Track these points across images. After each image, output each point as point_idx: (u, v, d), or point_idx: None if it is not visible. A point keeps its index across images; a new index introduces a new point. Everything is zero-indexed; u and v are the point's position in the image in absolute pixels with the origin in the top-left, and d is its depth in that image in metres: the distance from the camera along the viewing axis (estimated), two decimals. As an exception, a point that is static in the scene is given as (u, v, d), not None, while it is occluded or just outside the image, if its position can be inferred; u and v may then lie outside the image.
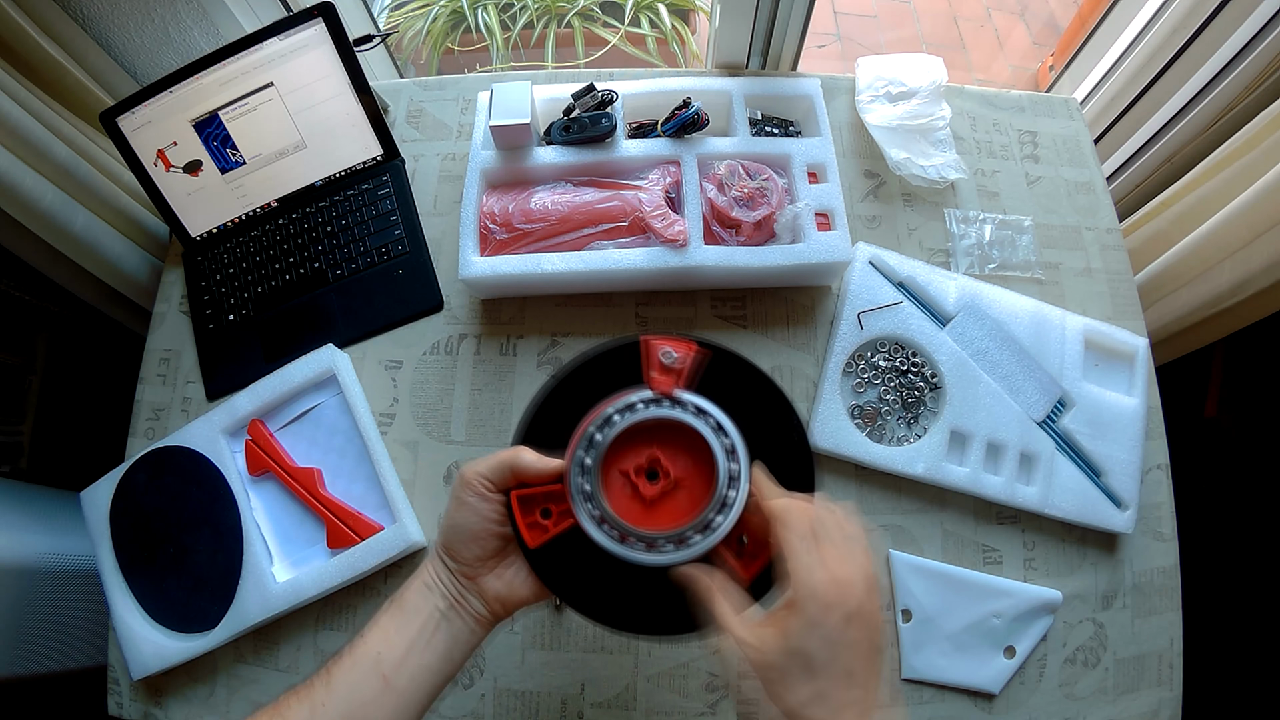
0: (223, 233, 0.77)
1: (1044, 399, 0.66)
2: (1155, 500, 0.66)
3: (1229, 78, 0.77)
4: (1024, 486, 0.64)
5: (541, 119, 0.73)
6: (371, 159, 0.77)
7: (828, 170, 0.69)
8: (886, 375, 0.67)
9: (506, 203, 0.67)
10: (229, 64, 0.70)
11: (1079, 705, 0.61)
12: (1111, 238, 0.75)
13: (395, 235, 0.74)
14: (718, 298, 0.71)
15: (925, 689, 0.61)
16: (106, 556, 0.66)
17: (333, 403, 0.68)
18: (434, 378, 0.69)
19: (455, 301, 0.72)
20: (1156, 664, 0.63)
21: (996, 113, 0.81)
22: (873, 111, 0.76)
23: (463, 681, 0.61)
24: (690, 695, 0.60)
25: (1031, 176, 0.77)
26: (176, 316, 0.76)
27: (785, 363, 0.69)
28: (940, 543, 0.64)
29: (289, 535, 0.65)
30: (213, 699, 0.63)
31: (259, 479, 0.66)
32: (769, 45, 0.78)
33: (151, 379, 0.74)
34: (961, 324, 0.68)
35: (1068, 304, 0.72)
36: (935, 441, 0.64)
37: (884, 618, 0.61)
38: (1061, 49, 1.57)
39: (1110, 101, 0.93)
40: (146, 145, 0.72)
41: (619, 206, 0.66)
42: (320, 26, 0.70)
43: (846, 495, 0.64)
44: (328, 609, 0.64)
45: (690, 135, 0.70)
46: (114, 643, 0.65)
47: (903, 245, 0.73)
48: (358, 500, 0.65)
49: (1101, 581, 0.64)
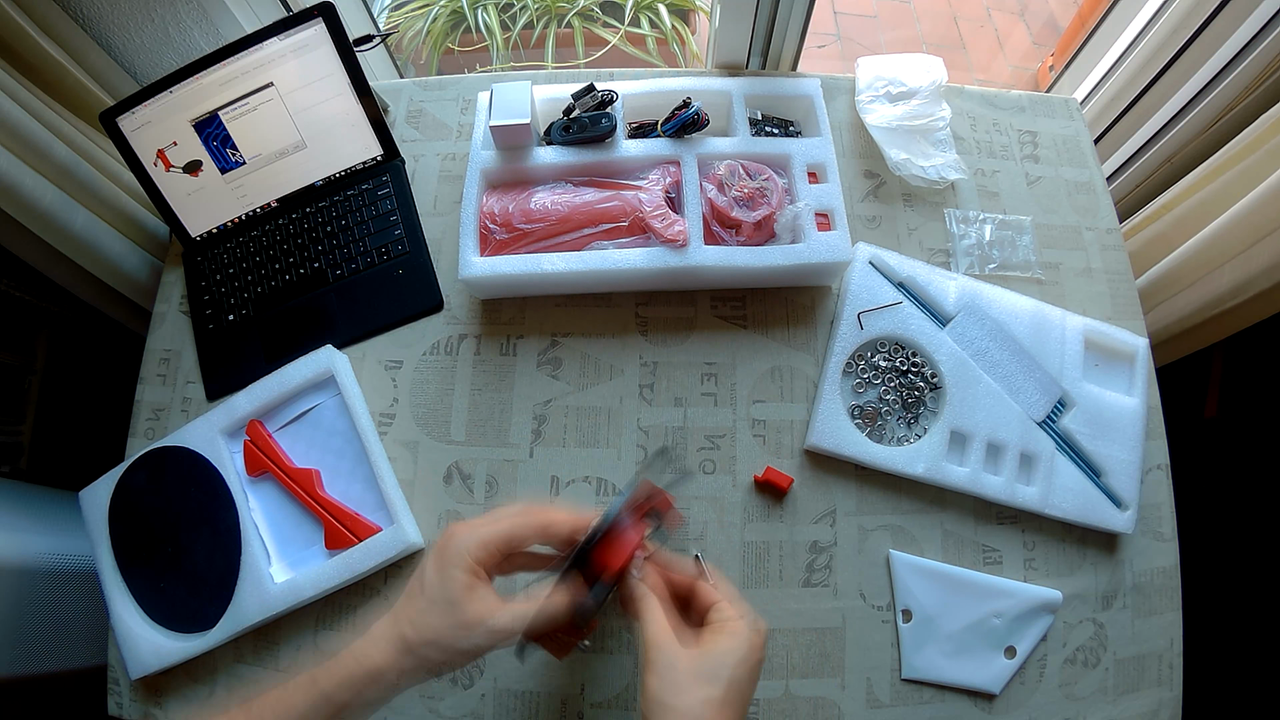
0: (223, 233, 0.77)
1: (1044, 399, 0.66)
2: (1155, 500, 0.66)
3: (1229, 78, 0.77)
4: (1024, 486, 0.64)
5: (541, 119, 0.73)
6: (371, 159, 0.77)
7: (828, 170, 0.69)
8: (886, 375, 0.67)
9: (506, 203, 0.67)
10: (229, 64, 0.70)
11: (1079, 705, 0.61)
12: (1111, 238, 0.75)
13: (395, 235, 0.74)
14: (718, 298, 0.71)
15: (925, 689, 0.61)
16: (105, 556, 0.66)
17: (331, 403, 0.68)
18: (434, 378, 0.69)
19: (455, 301, 0.72)
20: (1156, 664, 0.63)
21: (996, 113, 0.81)
22: (873, 112, 0.76)
23: (462, 682, 0.61)
24: (690, 695, 0.60)
25: (1031, 176, 0.77)
26: (176, 316, 0.76)
27: (785, 363, 0.69)
28: (940, 543, 0.64)
29: (287, 536, 0.65)
30: (213, 699, 0.63)
31: (257, 479, 0.66)
32: (769, 45, 0.78)
33: (151, 379, 0.74)
34: (961, 324, 0.68)
35: (1068, 304, 0.72)
36: (935, 441, 0.64)
37: (883, 618, 0.61)
38: (1061, 49, 1.57)
39: (1110, 101, 0.93)
40: (146, 145, 0.72)
41: (619, 206, 0.66)
42: (320, 27, 0.70)
43: (846, 495, 0.64)
44: (327, 609, 0.64)
45: (690, 135, 0.70)
46: (113, 643, 0.65)
47: (903, 245, 0.73)
48: (356, 501, 0.65)
49: (1101, 582, 0.64)
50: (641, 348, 0.69)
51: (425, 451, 0.67)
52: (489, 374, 0.69)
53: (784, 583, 0.62)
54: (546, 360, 0.69)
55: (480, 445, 0.67)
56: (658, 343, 0.69)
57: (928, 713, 0.60)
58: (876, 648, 0.61)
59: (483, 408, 0.68)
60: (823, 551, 0.63)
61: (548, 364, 0.69)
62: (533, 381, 0.68)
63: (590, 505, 0.65)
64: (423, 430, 0.68)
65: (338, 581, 0.61)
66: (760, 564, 0.63)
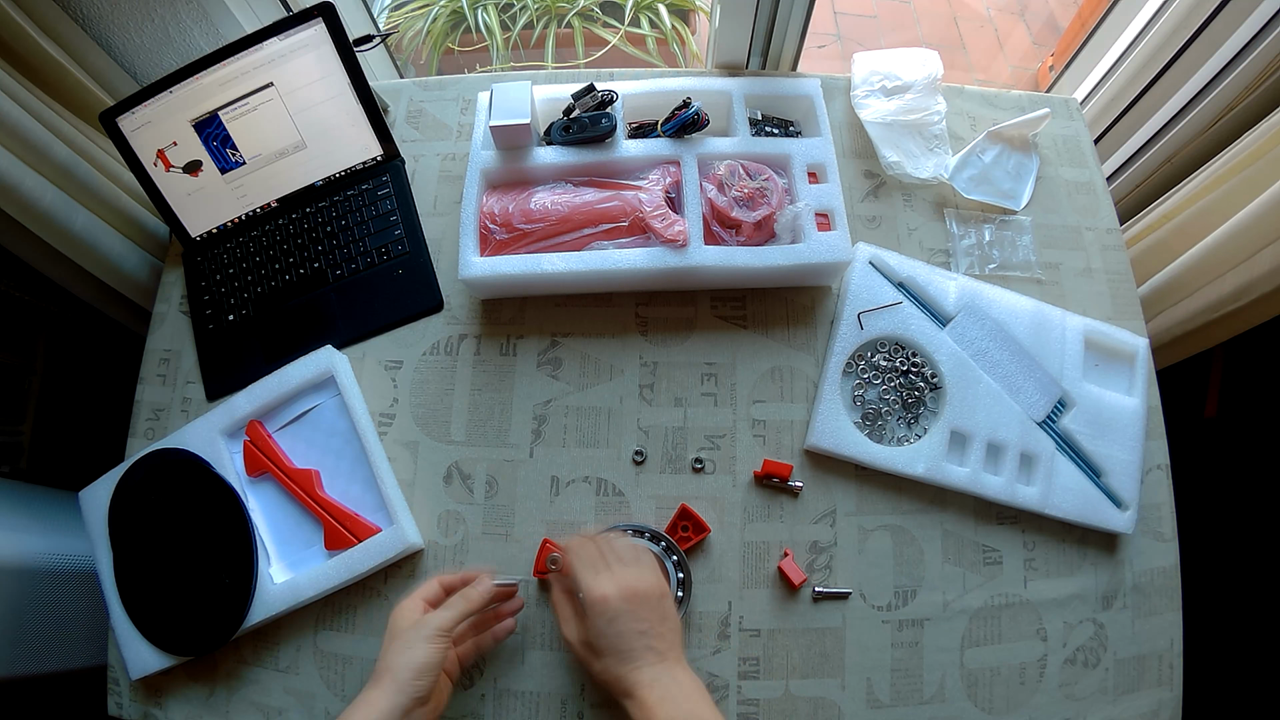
0: (223, 233, 0.77)
1: (1044, 399, 0.66)
2: (1155, 500, 0.66)
3: (1229, 78, 0.77)
4: (1024, 486, 0.64)
5: (541, 119, 0.73)
6: (371, 159, 0.77)
7: (828, 170, 0.69)
8: (886, 375, 0.67)
9: (506, 203, 0.67)
10: (229, 64, 0.70)
11: (1079, 705, 0.61)
12: (1111, 238, 0.75)
13: (395, 235, 0.74)
14: (718, 298, 0.71)
15: (925, 689, 0.61)
16: (105, 556, 0.66)
17: (331, 404, 0.68)
18: (434, 378, 0.69)
19: (455, 301, 0.72)
20: (1156, 664, 0.63)
21: (996, 113, 0.81)
22: (868, 107, 0.76)
23: (463, 682, 0.61)
24: (690, 695, 0.60)
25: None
26: (176, 316, 0.76)
27: (785, 363, 0.68)
28: (940, 543, 0.64)
29: (286, 536, 0.65)
30: (212, 699, 0.63)
31: (257, 480, 0.66)
32: (769, 45, 0.78)
33: (151, 379, 0.74)
34: (961, 324, 0.68)
35: (1068, 304, 0.72)
36: (935, 441, 0.64)
37: (883, 618, 0.61)
38: (1061, 49, 1.57)
39: (1110, 101, 0.93)
40: (146, 145, 0.72)
41: (619, 206, 0.66)
42: (320, 27, 0.70)
43: (846, 495, 0.64)
44: (328, 609, 0.64)
45: (690, 135, 0.70)
46: (113, 643, 0.65)
47: (903, 245, 0.73)
48: (355, 501, 0.65)
49: (1101, 581, 0.64)
50: (641, 348, 0.69)
51: (425, 452, 0.67)
52: (489, 374, 0.69)
53: (784, 583, 0.62)
54: (546, 360, 0.69)
55: (480, 445, 0.67)
56: (658, 343, 0.69)
57: (928, 713, 0.60)
58: (876, 648, 0.61)
59: (483, 408, 0.68)
60: (823, 552, 0.63)
61: (548, 364, 0.69)
62: (533, 381, 0.68)
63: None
64: (422, 430, 0.68)
65: (337, 582, 0.61)
66: (760, 564, 0.63)
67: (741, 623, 0.62)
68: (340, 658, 0.63)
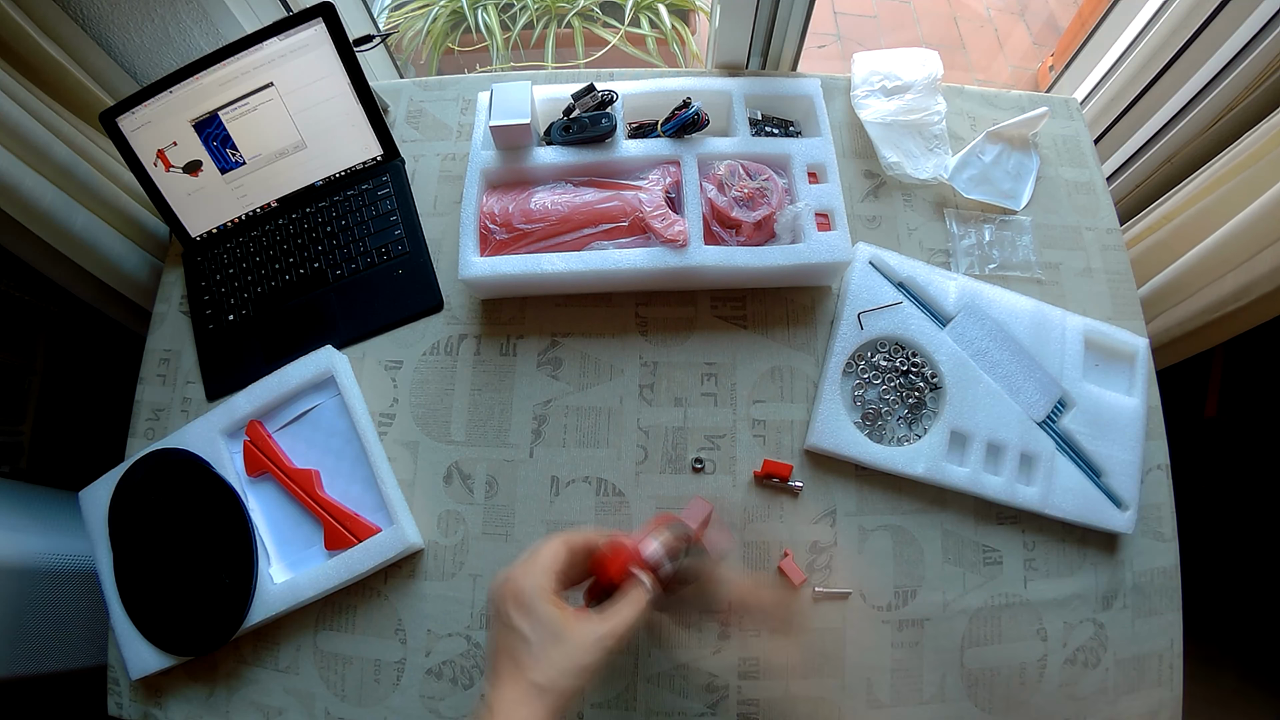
0: (223, 233, 0.77)
1: (1044, 399, 0.66)
2: (1155, 500, 0.66)
3: (1229, 78, 0.77)
4: (1024, 486, 0.64)
5: (541, 119, 0.73)
6: (371, 159, 0.77)
7: (828, 170, 0.69)
8: (886, 375, 0.67)
9: (506, 203, 0.67)
10: (229, 64, 0.70)
11: (1079, 705, 0.61)
12: (1111, 238, 0.75)
13: (395, 235, 0.74)
14: (718, 298, 0.71)
15: (925, 689, 0.61)
16: (105, 556, 0.66)
17: (331, 404, 0.68)
18: (434, 378, 0.69)
19: (455, 301, 0.72)
20: (1156, 664, 0.63)
21: (997, 113, 0.81)
22: (868, 107, 0.76)
23: (462, 681, 0.61)
24: (690, 695, 0.60)
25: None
26: (176, 316, 0.76)
27: (785, 363, 0.68)
28: (940, 543, 0.64)
29: (286, 536, 0.65)
30: (212, 699, 0.63)
31: (257, 480, 0.66)
32: (769, 45, 0.78)
33: (151, 379, 0.74)
34: (961, 324, 0.68)
35: (1068, 304, 0.72)
36: (935, 441, 0.64)
37: (883, 618, 0.61)
38: (1061, 49, 1.57)
39: (1110, 101, 0.93)
40: (146, 145, 0.72)
41: (619, 206, 0.66)
42: (320, 27, 0.70)
43: (846, 495, 0.64)
44: (328, 609, 0.64)
45: (690, 135, 0.70)
46: (113, 643, 0.65)
47: (903, 245, 0.73)
48: (355, 501, 0.65)
49: (1101, 581, 0.64)
50: (641, 348, 0.69)
51: (425, 452, 0.67)
52: (489, 374, 0.69)
53: (785, 583, 0.62)
54: (546, 360, 0.69)
55: (480, 445, 0.67)
56: (658, 343, 0.69)
57: (928, 713, 0.60)
58: (876, 648, 0.61)
59: (483, 408, 0.68)
60: (823, 552, 0.63)
61: (548, 364, 0.69)
62: (533, 381, 0.68)
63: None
64: (422, 430, 0.68)
65: (337, 582, 0.61)
66: (761, 564, 0.63)
67: (741, 623, 0.62)
68: (340, 658, 0.63)
